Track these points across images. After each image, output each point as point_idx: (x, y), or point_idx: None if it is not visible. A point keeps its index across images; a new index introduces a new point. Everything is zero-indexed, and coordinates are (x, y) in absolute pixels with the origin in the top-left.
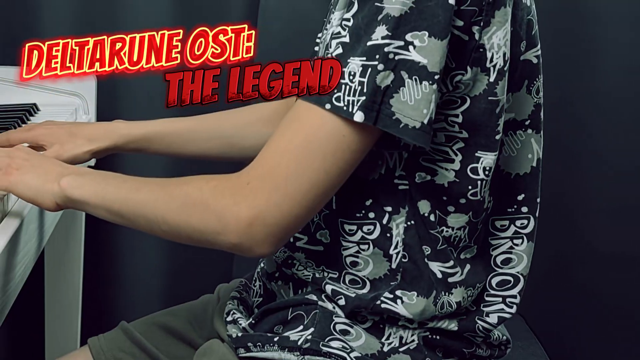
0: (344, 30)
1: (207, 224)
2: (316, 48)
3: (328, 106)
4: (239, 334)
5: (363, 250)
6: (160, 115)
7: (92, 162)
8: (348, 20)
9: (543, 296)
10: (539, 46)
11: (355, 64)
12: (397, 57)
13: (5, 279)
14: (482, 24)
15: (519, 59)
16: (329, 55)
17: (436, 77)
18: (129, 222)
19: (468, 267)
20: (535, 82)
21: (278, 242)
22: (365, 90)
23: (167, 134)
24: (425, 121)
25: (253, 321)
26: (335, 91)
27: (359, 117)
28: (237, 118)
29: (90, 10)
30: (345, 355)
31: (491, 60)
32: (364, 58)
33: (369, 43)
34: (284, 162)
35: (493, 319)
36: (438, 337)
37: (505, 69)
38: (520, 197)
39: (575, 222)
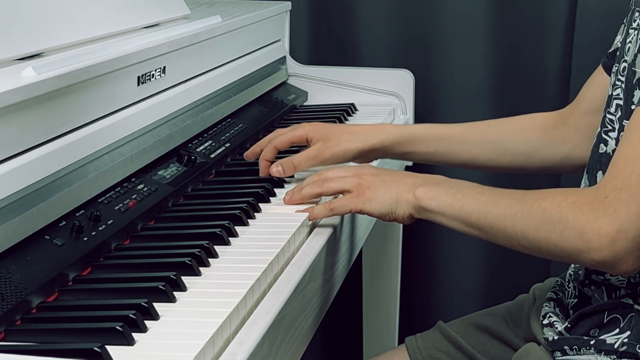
0: None
1: (568, 241)
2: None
3: None
4: (556, 337)
5: None
6: (481, 113)
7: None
8: None
9: None
10: None
11: None
12: None
13: (325, 277)
14: None
15: None
16: None
17: None
18: (485, 235)
19: None
20: None
21: None
22: None
23: (436, 137)
24: None
25: (569, 325)
26: None
27: None
28: (508, 124)
29: (405, 7)
30: None
31: None
32: None
33: None
34: (637, 169)
35: None
36: None
37: None
38: None
39: None
